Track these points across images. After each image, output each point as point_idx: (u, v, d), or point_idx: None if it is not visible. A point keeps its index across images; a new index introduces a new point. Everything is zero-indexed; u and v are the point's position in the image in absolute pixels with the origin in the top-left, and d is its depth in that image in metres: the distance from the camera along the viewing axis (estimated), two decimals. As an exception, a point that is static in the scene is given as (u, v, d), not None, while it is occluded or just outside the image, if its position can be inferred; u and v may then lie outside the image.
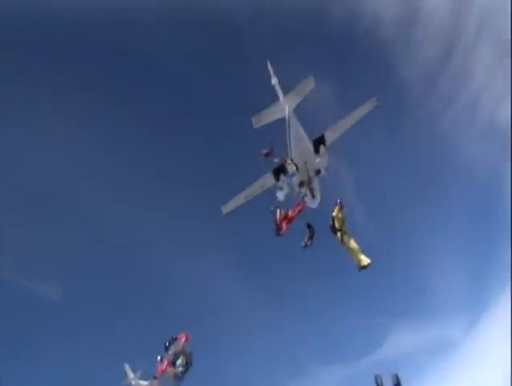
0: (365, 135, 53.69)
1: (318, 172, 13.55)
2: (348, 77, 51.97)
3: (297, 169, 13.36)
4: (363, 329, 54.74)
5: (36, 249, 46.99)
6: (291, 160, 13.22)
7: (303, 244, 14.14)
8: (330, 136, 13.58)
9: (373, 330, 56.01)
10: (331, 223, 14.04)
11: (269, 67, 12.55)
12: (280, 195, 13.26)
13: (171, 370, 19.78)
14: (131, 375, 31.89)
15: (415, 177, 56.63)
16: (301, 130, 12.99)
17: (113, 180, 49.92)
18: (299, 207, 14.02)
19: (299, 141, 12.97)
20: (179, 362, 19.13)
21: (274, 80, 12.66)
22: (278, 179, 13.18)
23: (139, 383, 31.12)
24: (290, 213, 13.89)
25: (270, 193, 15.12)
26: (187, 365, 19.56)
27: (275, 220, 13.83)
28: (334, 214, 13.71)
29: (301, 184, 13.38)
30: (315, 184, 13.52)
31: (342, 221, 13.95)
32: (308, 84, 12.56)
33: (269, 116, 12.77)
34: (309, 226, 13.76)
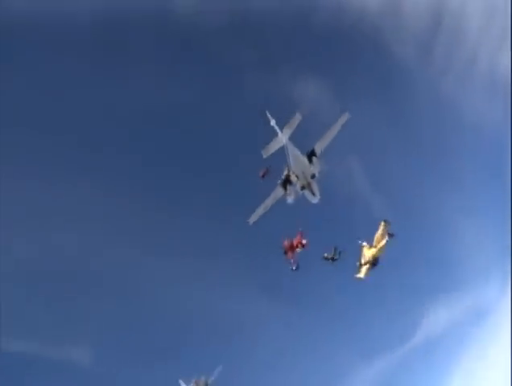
0: (368, 112, 48.23)
1: (313, 176, 18.10)
2: (342, 64, 49.69)
3: (298, 178, 17.95)
4: (398, 317, 55.70)
5: (63, 317, 49.23)
6: (293, 173, 17.79)
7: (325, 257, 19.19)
8: (318, 148, 17.91)
9: (409, 312, 56.33)
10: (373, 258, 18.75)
11: (267, 114, 16.62)
12: (290, 200, 18.01)
13: None
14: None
15: (423, 149, 54.37)
16: (296, 151, 17.31)
17: (133, 237, 51.13)
18: (301, 238, 18.51)
19: (295, 159, 17.34)
20: None
21: (273, 122, 16.75)
22: (285, 189, 17.89)
23: None
24: (294, 242, 18.48)
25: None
26: None
27: (283, 249, 18.61)
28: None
29: (303, 188, 18.00)
30: (314, 185, 18.13)
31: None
32: (297, 119, 16.60)
33: (273, 147, 16.98)
34: (336, 251, 18.95)
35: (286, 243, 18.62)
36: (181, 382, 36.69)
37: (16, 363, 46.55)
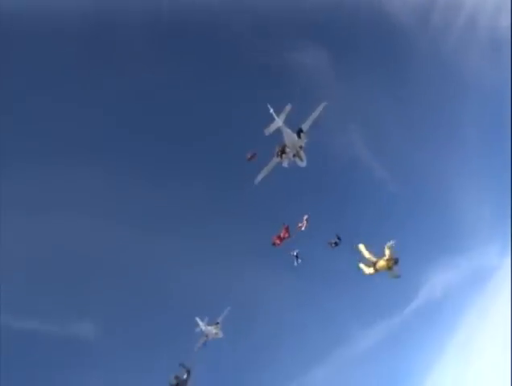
0: (367, 77, 50.84)
1: (301, 147, 25.58)
2: (341, 30, 49.99)
3: (290, 148, 25.53)
4: (400, 279, 60.91)
5: (71, 290, 50.55)
6: (286, 145, 25.33)
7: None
8: (304, 127, 25.19)
9: (411, 277, 53.66)
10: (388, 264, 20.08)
11: (268, 106, 23.72)
12: (285, 164, 25.50)
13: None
14: (201, 323, 38.22)
15: (424, 113, 55.02)
16: (288, 130, 24.42)
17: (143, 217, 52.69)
18: (285, 233, 26.55)
19: (288, 136, 24.47)
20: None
21: (271, 110, 23.83)
22: (281, 157, 25.44)
23: (208, 328, 38.11)
24: (282, 234, 26.65)
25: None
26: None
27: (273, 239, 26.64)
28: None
29: (294, 156, 25.49)
30: (301, 154, 25.53)
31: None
32: (287, 109, 23.85)
33: (272, 128, 24.29)
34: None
35: (274, 238, 26.88)
36: (198, 319, 38.43)
37: (22, 339, 48.10)
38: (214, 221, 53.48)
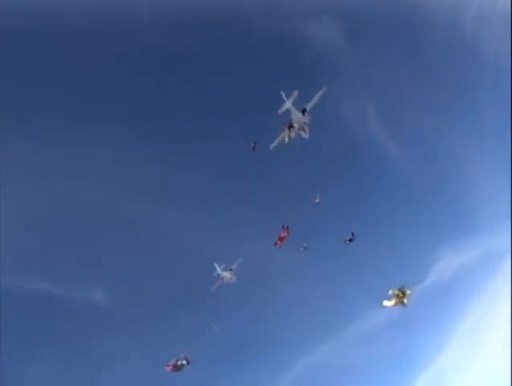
0: (384, 53, 51.15)
1: (305, 123, 33.27)
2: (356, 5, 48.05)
3: (296, 124, 33.32)
4: (411, 259, 55.19)
5: (84, 257, 50.88)
6: (293, 121, 33.14)
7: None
8: (308, 107, 32.73)
9: (421, 258, 56.82)
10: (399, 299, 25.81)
11: (283, 95, 30.93)
12: (292, 135, 33.49)
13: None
14: (218, 269, 40.27)
15: (440, 91, 53.67)
16: (295, 110, 31.89)
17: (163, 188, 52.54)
18: (284, 234, 32.87)
19: (295, 115, 32.12)
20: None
21: (283, 95, 31.31)
22: (290, 130, 33.28)
23: (223, 273, 40.39)
24: (282, 235, 33.15)
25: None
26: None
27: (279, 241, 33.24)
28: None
29: (299, 129, 33.31)
30: (306, 128, 33.30)
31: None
32: (295, 94, 31.27)
33: (283, 108, 32.00)
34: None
35: (276, 239, 33.53)
36: (216, 265, 40.46)
37: (36, 300, 48.82)
38: (228, 192, 54.84)
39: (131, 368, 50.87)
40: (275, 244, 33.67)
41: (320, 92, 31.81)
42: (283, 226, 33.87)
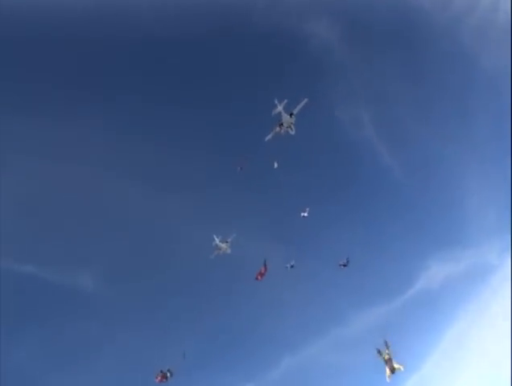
0: (381, 58, 51.20)
1: (292, 123, 43.84)
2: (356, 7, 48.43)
3: (285, 123, 44.38)
4: (399, 266, 56.30)
5: (72, 241, 49.99)
6: (283, 121, 44.26)
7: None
8: (294, 111, 43.42)
9: (409, 266, 57.40)
10: (388, 368, 26.05)
11: (276, 101, 41.60)
12: (282, 132, 44.42)
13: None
14: (217, 240, 44.85)
15: (436, 99, 53.40)
16: (284, 113, 41.92)
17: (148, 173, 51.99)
18: (264, 269, 37.90)
19: (284, 117, 41.97)
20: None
21: (276, 101, 41.82)
22: (280, 128, 44.26)
23: (220, 244, 45.24)
24: (262, 271, 38.15)
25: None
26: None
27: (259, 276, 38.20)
28: (386, 357, 26.06)
29: (287, 127, 43.95)
30: (292, 127, 43.62)
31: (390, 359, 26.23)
32: (284, 102, 41.96)
33: (275, 111, 42.53)
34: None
35: (257, 274, 38.43)
36: (215, 237, 45.23)
37: (23, 283, 48.23)
38: (218, 183, 54.67)
39: (117, 355, 50.77)
40: (256, 278, 38.22)
41: (303, 102, 42.68)
42: (264, 262, 38.88)
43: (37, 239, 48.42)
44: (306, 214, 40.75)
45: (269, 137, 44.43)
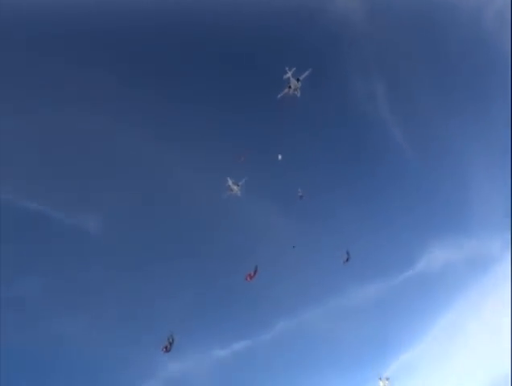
0: (402, 36, 52.48)
1: (298, 87, 55.11)
2: None
3: (293, 86, 56.27)
4: (402, 246, 56.87)
5: (77, 184, 49.86)
6: (291, 85, 56.32)
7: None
8: (301, 77, 54.91)
9: (411, 247, 57.32)
10: None
11: (286, 68, 53.11)
12: (291, 93, 56.66)
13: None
14: (230, 181, 47.43)
15: (453, 81, 54.24)
16: (293, 78, 52.44)
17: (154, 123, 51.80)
18: (254, 273, 38.82)
19: (292, 81, 53.24)
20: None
21: (287, 68, 53.85)
22: (289, 89, 56.24)
23: (233, 186, 47.73)
24: (251, 274, 39.44)
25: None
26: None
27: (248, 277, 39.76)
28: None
29: (294, 90, 55.04)
30: (298, 90, 54.74)
31: None
32: (292, 70, 53.73)
33: (286, 76, 54.02)
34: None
35: (247, 276, 39.80)
36: (228, 179, 47.84)
37: (29, 220, 48.01)
38: (224, 135, 56.54)
39: (116, 301, 51.16)
40: (246, 279, 39.33)
41: (307, 72, 54.46)
42: (255, 267, 40.27)
43: (44, 178, 48.33)
44: (301, 194, 43.59)
45: (280, 95, 56.23)
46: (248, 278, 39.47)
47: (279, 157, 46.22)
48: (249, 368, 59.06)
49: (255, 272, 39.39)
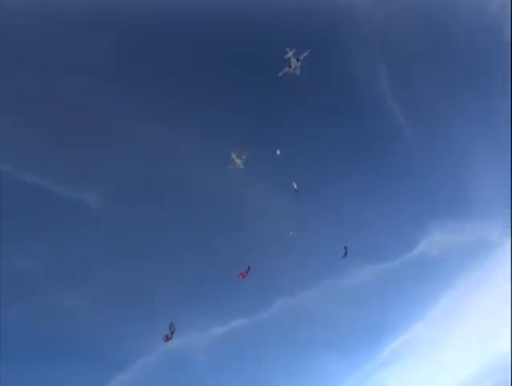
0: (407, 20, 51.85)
1: (298, 66, 58.55)
2: None
3: (293, 66, 58.95)
4: (401, 229, 55.70)
5: (79, 158, 48.62)
6: (292, 64, 58.76)
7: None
8: (300, 57, 57.93)
9: (412, 230, 55.91)
10: None
11: (287, 49, 56.34)
12: (291, 71, 59.07)
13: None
14: (234, 155, 48.62)
15: (456, 68, 53.54)
16: (293, 58, 57.60)
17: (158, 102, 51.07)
18: (246, 272, 38.35)
19: (292, 61, 57.62)
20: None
21: (288, 49, 56.86)
22: (289, 68, 58.85)
23: (236, 160, 48.93)
24: (244, 273, 38.99)
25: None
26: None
27: (241, 276, 39.17)
28: None
29: (294, 69, 58.76)
30: (298, 69, 58.53)
31: None
32: (293, 50, 56.53)
33: (287, 56, 57.53)
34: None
35: (240, 275, 39.14)
36: (232, 152, 48.94)
37: (30, 193, 46.30)
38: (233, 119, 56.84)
39: (117, 271, 49.81)
40: (238, 277, 39.16)
41: (306, 53, 56.65)
42: (248, 267, 40.01)
43: (46, 151, 46.80)
44: (296, 188, 43.49)
45: (281, 73, 59.63)
46: (240, 277, 39.21)
47: (278, 152, 46.62)
48: (247, 346, 58.73)
49: (247, 271, 39.18)
